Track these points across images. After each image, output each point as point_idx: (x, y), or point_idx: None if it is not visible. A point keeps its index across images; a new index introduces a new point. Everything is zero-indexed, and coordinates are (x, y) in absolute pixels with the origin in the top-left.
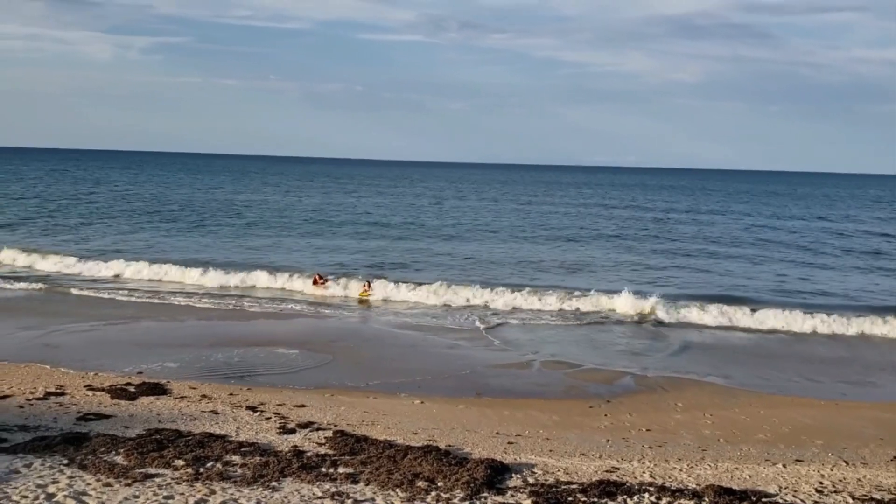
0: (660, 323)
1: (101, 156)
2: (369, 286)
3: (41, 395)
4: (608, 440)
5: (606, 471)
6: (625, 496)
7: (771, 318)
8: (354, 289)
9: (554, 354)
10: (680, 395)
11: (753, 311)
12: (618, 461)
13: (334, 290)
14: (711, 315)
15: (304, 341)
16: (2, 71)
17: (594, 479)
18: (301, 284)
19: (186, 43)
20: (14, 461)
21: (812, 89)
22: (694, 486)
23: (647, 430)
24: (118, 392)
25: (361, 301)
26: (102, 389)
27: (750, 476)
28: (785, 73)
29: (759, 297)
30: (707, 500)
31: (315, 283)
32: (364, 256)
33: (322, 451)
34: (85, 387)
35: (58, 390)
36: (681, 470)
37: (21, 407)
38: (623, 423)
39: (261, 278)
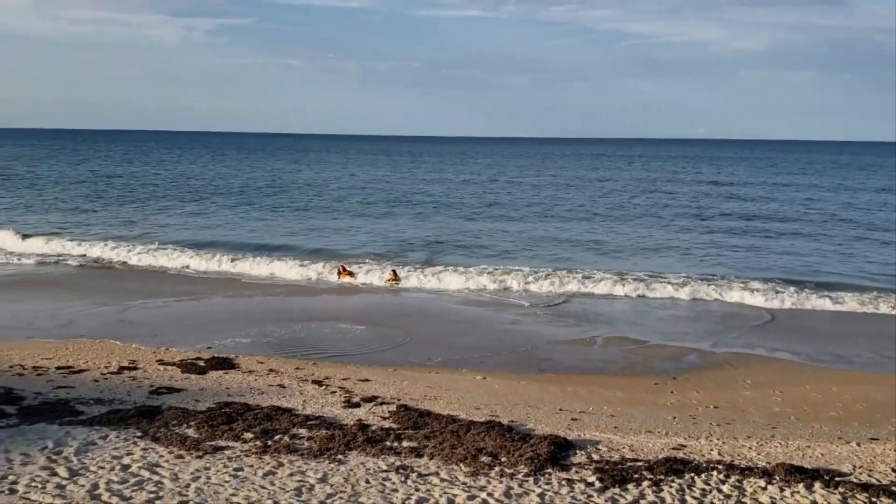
0: (723, 302)
1: (167, 137)
2: (395, 275)
3: (115, 370)
4: (675, 417)
5: (673, 448)
6: (692, 474)
7: (840, 297)
8: (381, 278)
9: (618, 331)
10: (748, 372)
11: (822, 289)
12: (685, 438)
13: (361, 279)
14: (778, 293)
15: (367, 317)
16: (74, 55)
17: (661, 457)
18: (326, 274)
19: (250, 24)
20: (91, 433)
21: (886, 56)
22: (764, 463)
23: (715, 407)
24: (188, 366)
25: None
26: (173, 364)
27: (822, 454)
28: (857, 40)
29: (827, 275)
30: (778, 478)
31: (339, 274)
32: (420, 236)
33: (386, 424)
34: (157, 361)
35: (131, 365)
36: (750, 448)
37: (96, 381)
38: (690, 401)
39: (282, 268)
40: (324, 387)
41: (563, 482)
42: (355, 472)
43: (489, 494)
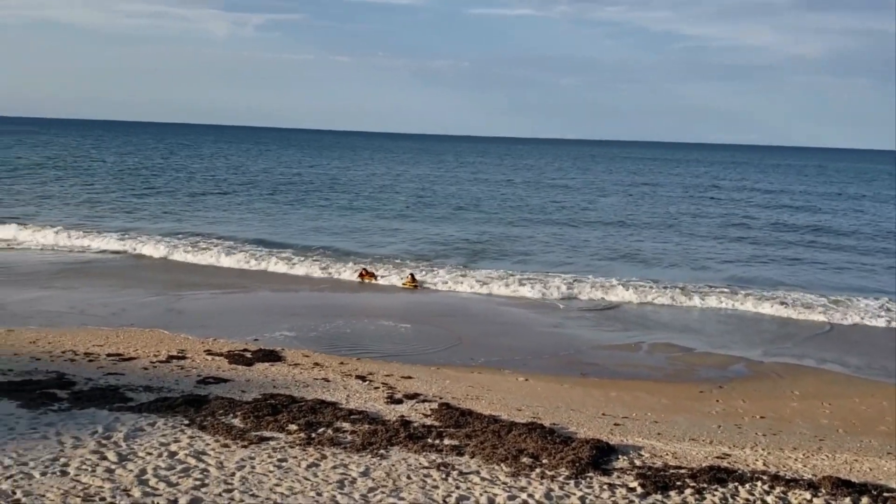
0: (769, 312)
1: (215, 131)
2: (413, 279)
3: (164, 358)
4: (719, 426)
5: (717, 457)
6: (736, 483)
7: (889, 311)
8: (401, 280)
9: (663, 337)
10: (796, 383)
11: (871, 303)
12: (729, 447)
13: (383, 283)
14: (827, 306)
15: (410, 316)
16: (128, 48)
17: (704, 465)
18: (347, 276)
19: (301, 20)
20: (139, 420)
21: None
22: (810, 476)
23: (761, 417)
24: (236, 357)
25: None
26: (221, 354)
27: (870, 469)
28: None
29: (875, 291)
30: (824, 491)
31: (361, 276)
32: (459, 238)
33: (428, 422)
34: (205, 351)
35: (179, 354)
36: (796, 459)
37: (146, 369)
38: (735, 409)
39: (313, 269)
40: (367, 382)
41: (605, 486)
42: (397, 468)
43: (529, 495)
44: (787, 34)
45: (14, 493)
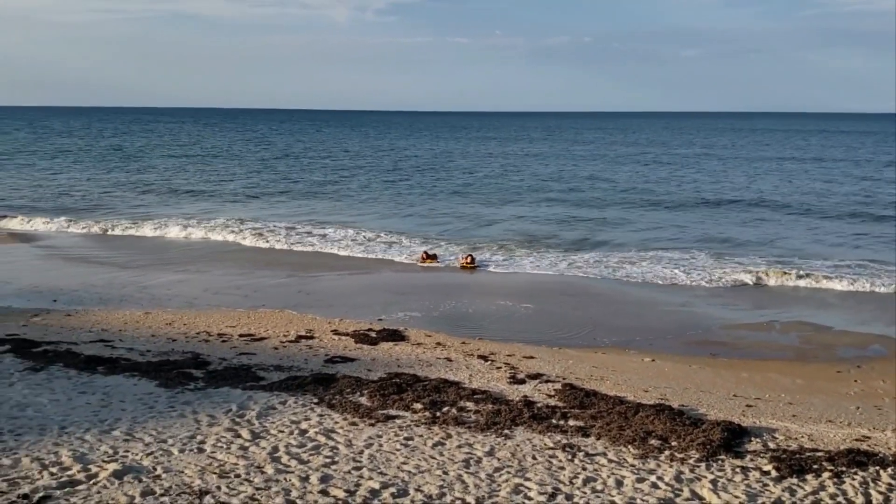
0: None
1: (335, 116)
2: (471, 259)
3: (293, 338)
4: (858, 407)
5: (856, 439)
6: (877, 467)
7: None
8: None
9: (798, 316)
10: None
11: None
12: (869, 430)
13: (444, 264)
14: None
15: (529, 295)
16: (256, 37)
17: (842, 448)
18: (409, 260)
19: (419, 3)
20: (271, 398)
21: None
22: None
23: None
24: (361, 337)
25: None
26: (347, 334)
27: None
28: None
29: None
30: None
31: (423, 260)
32: (574, 217)
33: (552, 402)
34: (331, 331)
35: (307, 334)
36: None
37: (276, 348)
38: (875, 390)
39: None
40: (489, 362)
41: (737, 469)
42: (522, 448)
43: (659, 478)
44: None
45: (155, 468)
